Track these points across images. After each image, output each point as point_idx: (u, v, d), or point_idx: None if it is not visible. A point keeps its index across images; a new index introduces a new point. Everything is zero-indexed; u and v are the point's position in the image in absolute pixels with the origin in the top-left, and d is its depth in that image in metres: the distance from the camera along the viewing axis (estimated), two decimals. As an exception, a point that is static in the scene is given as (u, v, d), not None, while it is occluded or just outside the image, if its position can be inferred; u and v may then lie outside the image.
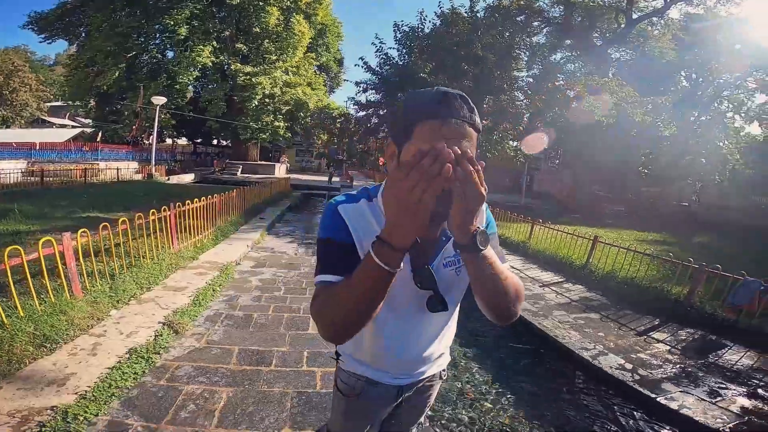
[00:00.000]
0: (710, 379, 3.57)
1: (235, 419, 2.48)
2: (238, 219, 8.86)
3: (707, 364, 3.88)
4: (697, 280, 5.25)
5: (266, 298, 4.87)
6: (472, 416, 3.02)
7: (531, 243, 8.82)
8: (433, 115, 0.85)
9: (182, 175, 21.11)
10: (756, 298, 4.63)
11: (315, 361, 3.34)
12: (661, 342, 4.34)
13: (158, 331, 3.45)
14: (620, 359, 3.85)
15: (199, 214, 6.56)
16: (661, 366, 3.76)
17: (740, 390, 3.39)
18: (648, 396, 3.25)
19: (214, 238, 7.01)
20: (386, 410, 1.32)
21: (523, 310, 5.07)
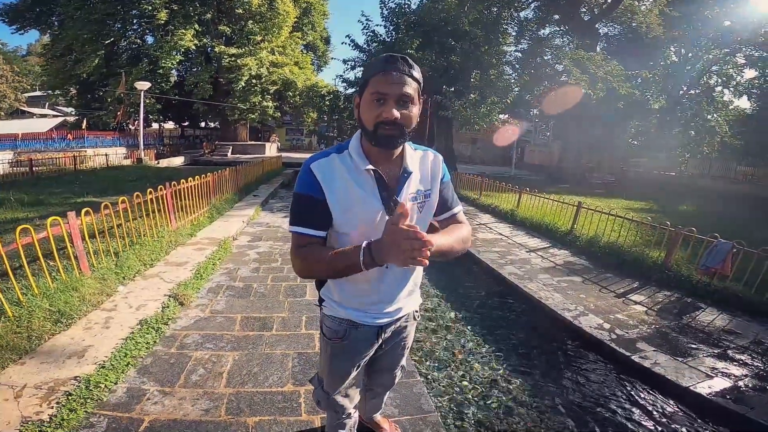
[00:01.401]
0: (683, 340, 3.72)
1: (242, 379, 2.69)
2: (232, 197, 9.07)
3: (681, 326, 4.03)
4: (674, 243, 5.50)
5: (264, 269, 5.09)
6: (462, 374, 3.28)
7: (519, 211, 9.14)
8: (380, 70, 1.13)
9: (172, 159, 21.09)
10: (728, 261, 4.82)
11: (313, 325, 3.57)
12: (638, 304, 4.58)
13: (165, 303, 3.64)
14: (599, 320, 4.10)
15: (194, 193, 6.70)
16: (637, 327, 3.96)
17: (711, 351, 3.53)
18: (623, 354, 3.44)
19: (209, 215, 7.19)
20: (369, 352, 1.48)
21: (509, 273, 5.48)
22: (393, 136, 1.15)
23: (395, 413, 2.43)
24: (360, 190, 1.21)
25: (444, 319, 4.32)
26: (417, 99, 1.17)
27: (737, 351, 3.53)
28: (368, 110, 1.15)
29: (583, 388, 3.20)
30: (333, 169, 1.21)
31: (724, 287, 4.72)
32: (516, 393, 3.06)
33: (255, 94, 24.47)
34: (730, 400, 2.80)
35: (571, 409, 2.91)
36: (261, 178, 13.10)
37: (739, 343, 3.66)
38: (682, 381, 3.04)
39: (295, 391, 2.59)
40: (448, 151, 19.40)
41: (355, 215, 1.21)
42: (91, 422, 2.19)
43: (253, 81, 23.95)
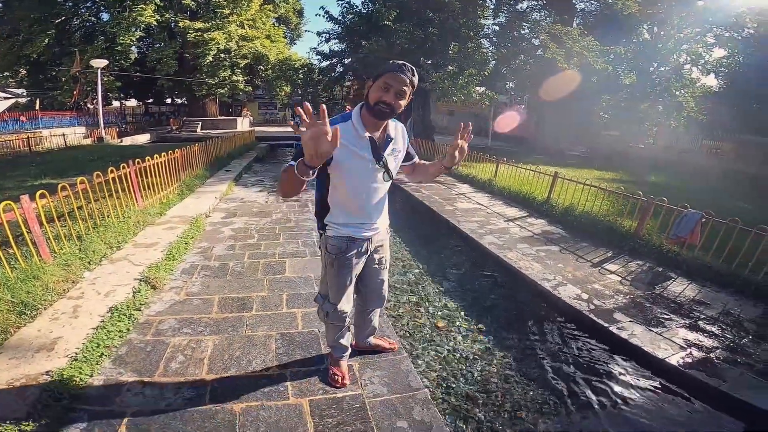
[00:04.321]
0: (656, 310, 3.81)
1: (224, 365, 2.59)
2: (203, 173, 8.74)
3: (654, 296, 4.14)
4: (645, 212, 5.66)
5: (240, 246, 4.92)
6: (448, 348, 3.29)
7: (496, 181, 9.28)
8: (394, 70, 1.70)
9: (136, 136, 20.20)
10: (697, 230, 4.99)
11: (294, 303, 3.48)
12: (613, 273, 4.71)
13: (136, 288, 3.45)
14: (578, 290, 4.19)
15: (161, 171, 6.38)
16: (613, 297, 4.05)
17: (683, 321, 3.63)
18: (602, 326, 3.51)
19: (179, 192, 6.91)
20: (360, 262, 2.10)
21: (489, 243, 5.48)
22: (385, 113, 1.74)
23: (384, 392, 2.41)
24: (357, 149, 1.80)
25: (426, 291, 4.32)
26: (408, 95, 1.75)
27: (707, 322, 3.63)
28: (376, 92, 1.72)
29: (565, 361, 3.26)
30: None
31: (693, 257, 4.89)
32: (500, 366, 3.10)
33: (224, 69, 23.70)
34: (704, 374, 2.87)
35: (553, 383, 2.97)
36: (233, 153, 12.68)
37: (709, 314, 3.77)
38: (658, 353, 3.11)
39: (280, 374, 2.52)
40: (425, 122, 19.27)
41: (353, 167, 1.82)
42: (71, 417, 2.08)
43: (221, 55, 23.13)
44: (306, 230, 5.68)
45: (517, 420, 2.56)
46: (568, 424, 2.59)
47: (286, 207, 7.08)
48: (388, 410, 2.26)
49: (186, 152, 7.87)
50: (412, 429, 2.14)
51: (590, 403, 2.76)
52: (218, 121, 25.81)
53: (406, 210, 8.55)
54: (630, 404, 2.76)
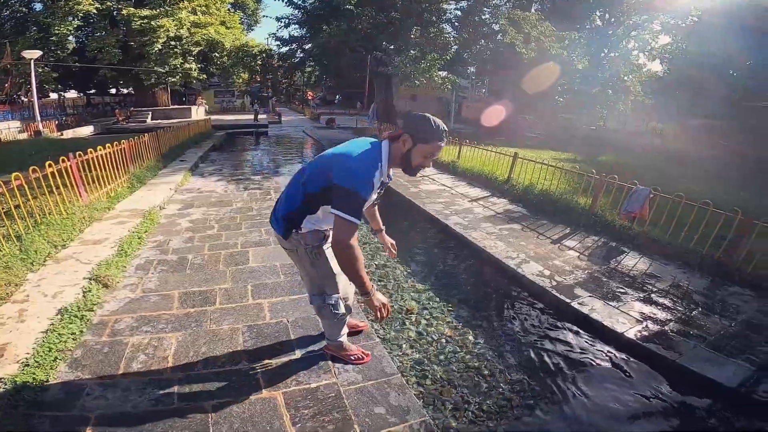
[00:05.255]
0: (613, 285, 3.99)
1: (190, 362, 2.47)
2: (155, 164, 8.26)
3: (610, 270, 4.34)
4: (598, 190, 5.96)
5: (199, 238, 4.71)
6: (419, 331, 3.31)
7: (460, 162, 9.50)
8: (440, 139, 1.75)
9: (78, 129, 18.87)
10: (645, 205, 5.31)
11: (260, 294, 3.37)
12: (572, 249, 4.93)
13: (86, 287, 3.21)
14: (540, 266, 4.35)
15: (106, 163, 5.93)
16: (572, 272, 4.23)
17: (637, 295, 3.82)
18: (564, 302, 3.65)
19: (129, 185, 6.49)
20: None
21: (455, 224, 5.55)
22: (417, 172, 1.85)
23: (359, 379, 2.39)
24: (376, 191, 1.83)
25: (395, 274, 4.32)
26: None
27: (659, 295, 3.84)
28: (421, 157, 1.77)
29: (533, 338, 3.37)
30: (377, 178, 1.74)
31: (643, 231, 5.20)
32: (472, 346, 3.16)
33: (175, 57, 22.29)
34: (661, 347, 3.01)
35: (524, 361, 3.05)
36: (188, 143, 12.06)
37: (660, 287, 4.01)
38: (617, 327, 3.26)
39: (251, 368, 2.44)
40: (388, 106, 19.21)
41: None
42: (32, 424, 1.95)
43: (172, 43, 21.66)
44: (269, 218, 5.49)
45: (494, 399, 2.61)
46: (541, 400, 2.66)
47: (247, 195, 6.84)
48: (364, 397, 2.24)
49: (134, 143, 7.37)
50: (390, 414, 2.13)
51: (560, 380, 2.85)
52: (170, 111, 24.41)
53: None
54: (595, 380, 2.86)
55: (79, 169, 5.25)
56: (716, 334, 3.20)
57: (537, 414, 2.53)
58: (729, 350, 2.98)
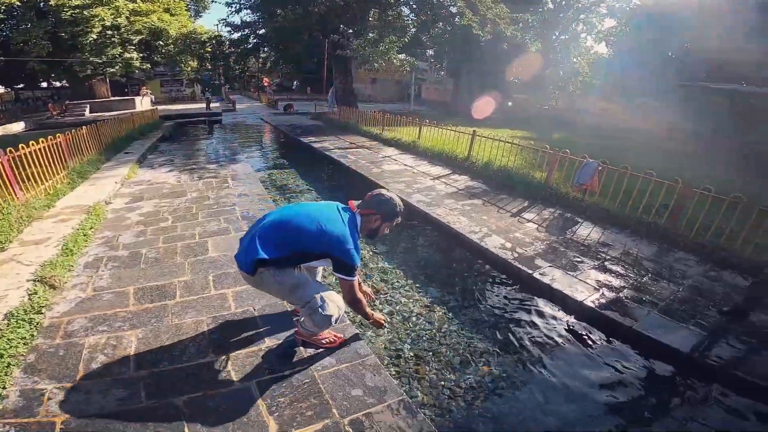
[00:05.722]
0: (570, 254, 4.17)
1: (154, 359, 2.36)
2: (97, 157, 7.68)
3: (566, 240, 4.55)
4: (552, 164, 6.24)
5: (152, 231, 4.46)
6: (390, 310, 3.34)
7: (420, 142, 9.67)
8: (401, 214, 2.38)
9: (8, 126, 17.34)
10: (595, 177, 5.61)
11: (222, 283, 3.26)
12: (530, 222, 5.13)
13: (31, 289, 2.96)
14: (502, 239, 4.49)
15: (42, 159, 5.44)
16: (532, 244, 4.40)
17: (593, 263, 4.01)
18: (526, 272, 3.78)
19: (69, 181, 6.01)
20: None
21: (417, 201, 5.59)
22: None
23: (333, 363, 2.38)
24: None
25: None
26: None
27: (612, 262, 4.07)
28: (386, 229, 2.39)
29: (499, 309, 3.49)
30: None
31: (594, 202, 5.50)
32: (442, 322, 3.22)
33: (113, 47, 20.84)
34: (618, 314, 3.16)
35: (492, 332, 3.14)
36: (133, 135, 11.29)
37: (613, 254, 4.25)
38: (577, 295, 3.41)
39: (220, 359, 2.36)
40: (347, 90, 18.92)
41: None
42: None
43: (108, 32, 20.21)
44: (228, 206, 5.33)
45: (468, 374, 2.68)
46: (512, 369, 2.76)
47: (202, 185, 6.54)
48: (340, 381, 2.23)
49: (71, 136, 6.82)
50: (367, 395, 2.13)
51: (527, 349, 2.96)
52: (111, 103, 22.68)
53: (333, 177, 8.45)
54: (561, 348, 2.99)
55: (11, 166, 4.80)
56: (667, 299, 3.40)
57: (510, 385, 2.61)
58: (680, 315, 3.16)
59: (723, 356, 2.72)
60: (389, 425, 1.96)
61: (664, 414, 2.47)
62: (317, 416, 1.99)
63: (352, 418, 1.99)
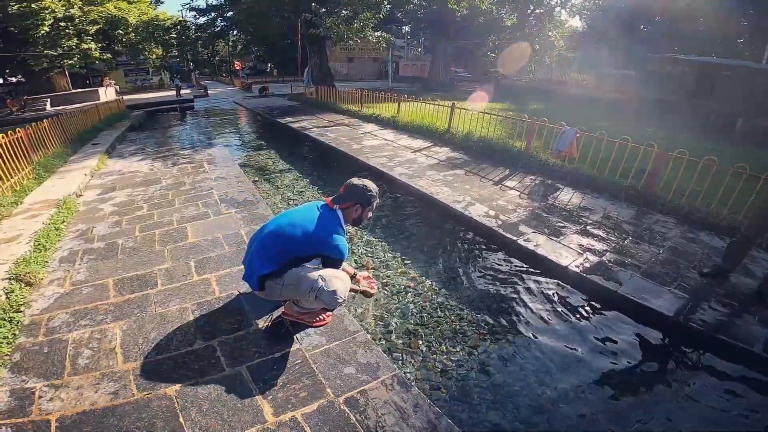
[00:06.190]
0: (552, 220, 4.20)
1: (141, 349, 2.31)
2: (62, 150, 7.39)
3: (548, 206, 4.59)
4: (531, 132, 6.31)
5: (128, 220, 4.33)
6: (378, 287, 3.28)
7: (400, 117, 9.67)
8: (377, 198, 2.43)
9: None
10: (573, 143, 5.71)
11: (205, 268, 3.20)
12: (512, 189, 5.18)
13: (6, 288, 2.84)
14: (485, 207, 4.52)
15: (3, 155, 5.17)
16: (515, 210, 4.44)
17: (575, 228, 4.04)
18: (510, 239, 3.80)
19: (36, 176, 5.78)
20: None
21: (400, 174, 5.60)
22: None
23: (323, 342, 2.37)
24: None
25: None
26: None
27: (594, 226, 4.12)
28: (368, 214, 2.44)
29: (486, 278, 3.51)
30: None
31: (574, 168, 5.58)
32: (431, 293, 3.24)
33: (68, 38, 19.79)
34: (602, 277, 3.19)
35: (480, 302, 3.15)
36: (99, 126, 10.86)
37: (594, 219, 4.31)
38: (561, 260, 3.43)
39: (208, 346, 2.32)
40: (323, 69, 18.50)
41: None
42: None
43: (61, 24, 19.08)
44: (205, 190, 5.22)
45: (458, 343, 2.69)
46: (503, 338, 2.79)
47: (177, 171, 6.36)
48: (331, 359, 2.22)
49: (32, 131, 6.49)
50: (361, 372, 2.13)
51: (517, 318, 2.98)
52: (73, 96, 21.60)
53: (314, 155, 8.33)
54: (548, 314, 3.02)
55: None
56: (648, 262, 3.45)
57: (501, 354, 2.64)
58: (662, 278, 3.21)
59: (707, 320, 2.74)
60: (384, 401, 1.97)
61: (651, 379, 2.50)
62: (312, 397, 1.99)
63: (347, 396, 1.99)
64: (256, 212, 4.34)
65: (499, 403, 2.27)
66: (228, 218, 4.22)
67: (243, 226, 3.98)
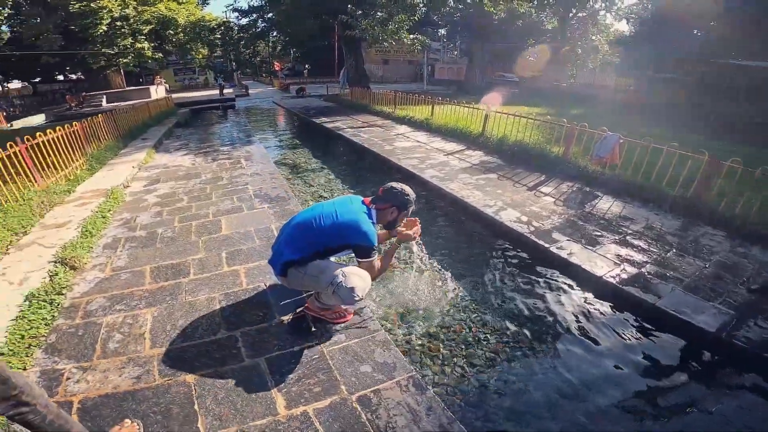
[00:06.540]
0: (589, 228, 4.00)
1: (168, 336, 2.40)
2: (114, 144, 7.90)
3: (585, 214, 4.38)
4: (570, 137, 6.05)
5: (168, 211, 4.55)
6: (401, 284, 3.27)
7: (433, 119, 9.60)
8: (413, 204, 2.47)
9: (29, 118, 18.11)
10: (615, 150, 5.41)
11: (235, 260, 3.30)
12: (547, 195, 4.99)
13: (52, 271, 3.05)
14: (517, 213, 4.38)
15: (60, 146, 5.58)
16: (549, 217, 4.26)
17: (613, 237, 3.82)
18: (542, 246, 3.65)
19: (88, 167, 6.19)
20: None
21: (431, 176, 5.52)
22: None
23: (342, 339, 2.37)
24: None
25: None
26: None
27: (634, 236, 3.88)
28: (402, 219, 2.51)
29: (513, 284, 3.39)
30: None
31: (615, 175, 5.29)
32: (454, 296, 3.16)
33: (124, 37, 21.28)
34: (640, 290, 3.00)
35: (506, 308, 3.05)
36: (149, 122, 11.53)
37: (635, 229, 4.06)
38: (596, 270, 3.26)
39: (230, 336, 2.38)
40: (359, 70, 18.71)
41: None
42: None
43: (118, 23, 20.55)
44: (240, 186, 5.40)
45: (481, 353, 2.60)
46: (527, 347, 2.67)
47: (216, 166, 6.64)
48: (348, 356, 2.22)
49: (87, 124, 6.99)
50: (377, 372, 2.11)
51: (545, 327, 2.86)
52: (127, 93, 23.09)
53: (346, 154, 8.45)
54: (578, 325, 2.88)
55: (30, 154, 4.92)
56: (692, 276, 3.21)
57: (523, 365, 2.53)
58: (706, 293, 2.98)
59: (752, 337, 2.53)
60: (397, 402, 1.94)
61: (686, 397, 2.33)
62: (325, 392, 1.99)
63: (360, 394, 1.98)
64: (288, 208, 4.43)
65: (516, 414, 2.18)
66: (260, 213, 4.34)
67: (274, 221, 4.07)
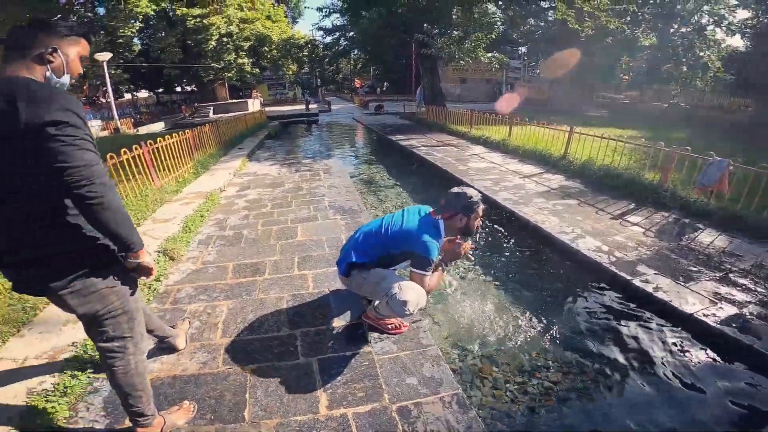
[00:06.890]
0: (683, 263, 3.57)
1: (237, 328, 2.62)
2: (216, 152, 8.89)
3: (681, 247, 3.91)
4: (669, 162, 5.42)
5: (254, 215, 5.00)
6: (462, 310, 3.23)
7: (510, 140, 9.25)
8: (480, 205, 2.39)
9: (151, 125, 20.91)
10: (724, 178, 4.73)
11: (305, 265, 3.50)
12: (636, 225, 4.53)
13: (155, 259, 3.50)
14: (597, 242, 4.05)
15: (174, 151, 6.46)
16: (636, 249, 3.87)
17: (712, 274, 3.38)
18: (623, 278, 3.34)
19: (194, 171, 7.02)
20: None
21: (504, 199, 5.41)
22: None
23: (394, 349, 2.39)
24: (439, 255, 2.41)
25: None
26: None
27: (739, 275, 3.38)
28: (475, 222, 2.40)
29: (585, 316, 3.16)
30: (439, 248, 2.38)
31: (723, 207, 4.64)
32: (518, 324, 3.03)
33: (228, 53, 24.05)
34: (736, 329, 2.66)
35: (573, 341, 2.85)
36: (245, 133, 12.85)
37: (741, 266, 3.53)
38: (686, 307, 2.92)
39: (291, 334, 2.53)
40: (435, 88, 18.83)
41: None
42: (96, 387, 2.12)
43: (224, 40, 23.44)
44: (317, 196, 5.74)
45: (537, 381, 2.46)
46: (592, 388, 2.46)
47: (298, 177, 7.16)
48: (397, 367, 2.23)
49: (197, 133, 7.98)
50: (422, 385, 2.10)
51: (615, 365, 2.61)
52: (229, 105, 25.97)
53: (419, 172, 8.52)
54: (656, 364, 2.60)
55: (151, 156, 5.75)
56: None
57: (582, 399, 2.35)
58: None
59: None
60: (437, 417, 1.91)
61: None
62: (368, 398, 2.02)
63: (401, 405, 1.98)
64: (359, 220, 4.60)
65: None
66: (333, 223, 4.58)
67: (344, 232, 4.26)
